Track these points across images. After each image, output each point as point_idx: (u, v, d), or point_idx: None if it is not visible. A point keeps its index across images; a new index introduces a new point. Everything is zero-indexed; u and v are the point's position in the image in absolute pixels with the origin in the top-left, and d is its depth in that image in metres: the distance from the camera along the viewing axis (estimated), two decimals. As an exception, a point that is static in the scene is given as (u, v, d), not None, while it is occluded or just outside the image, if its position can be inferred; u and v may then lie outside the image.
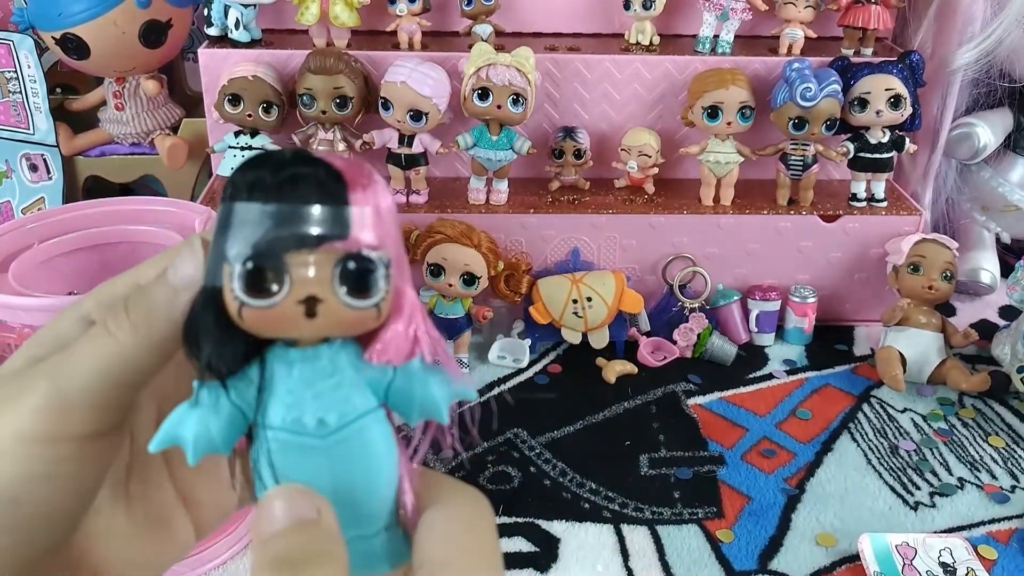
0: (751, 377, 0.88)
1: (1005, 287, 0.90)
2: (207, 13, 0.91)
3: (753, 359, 0.91)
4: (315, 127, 0.88)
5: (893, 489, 0.74)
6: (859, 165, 0.92)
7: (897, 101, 0.88)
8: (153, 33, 0.94)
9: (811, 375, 0.89)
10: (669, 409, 0.83)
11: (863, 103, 0.88)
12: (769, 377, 0.89)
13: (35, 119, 1.00)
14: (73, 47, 0.92)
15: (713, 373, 0.88)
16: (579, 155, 0.91)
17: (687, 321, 0.90)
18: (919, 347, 0.87)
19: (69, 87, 1.07)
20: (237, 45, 0.91)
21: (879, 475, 0.76)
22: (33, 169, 1.02)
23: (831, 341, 0.94)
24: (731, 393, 0.86)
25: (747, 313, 0.93)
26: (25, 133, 1.00)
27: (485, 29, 0.91)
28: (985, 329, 0.93)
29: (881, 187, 0.93)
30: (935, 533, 0.69)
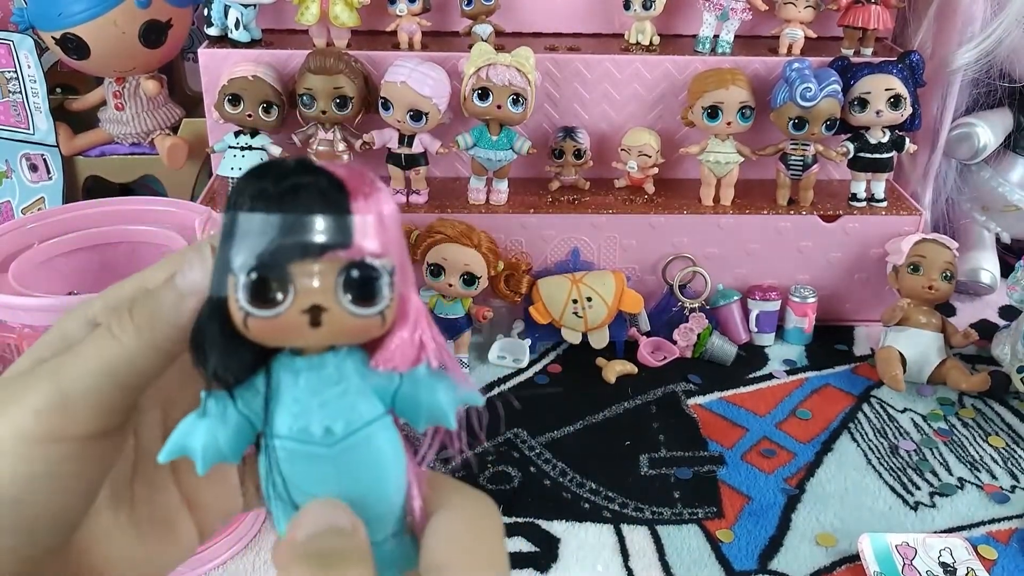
0: (751, 377, 0.88)
1: (1005, 287, 0.90)
2: (207, 13, 0.91)
3: (753, 359, 0.91)
4: (315, 127, 0.88)
5: (893, 489, 0.74)
6: (859, 165, 0.92)
7: (897, 101, 0.88)
8: (153, 33, 0.94)
9: (811, 375, 0.89)
10: (669, 409, 0.83)
11: (863, 103, 0.88)
12: (769, 377, 0.89)
13: (35, 119, 1.00)
14: (73, 47, 0.92)
15: (713, 373, 0.88)
16: (579, 155, 0.91)
17: (687, 321, 0.90)
18: (919, 347, 0.87)
19: (69, 87, 1.07)
20: (237, 45, 0.91)
21: (879, 475, 0.76)
22: (33, 169, 1.02)
23: (831, 341, 0.94)
24: (731, 393, 0.86)
25: (747, 313, 0.93)
26: (25, 133, 1.00)
27: (485, 29, 0.91)
28: (985, 329, 0.93)
29: (881, 187, 0.93)
30: (935, 533, 0.69)
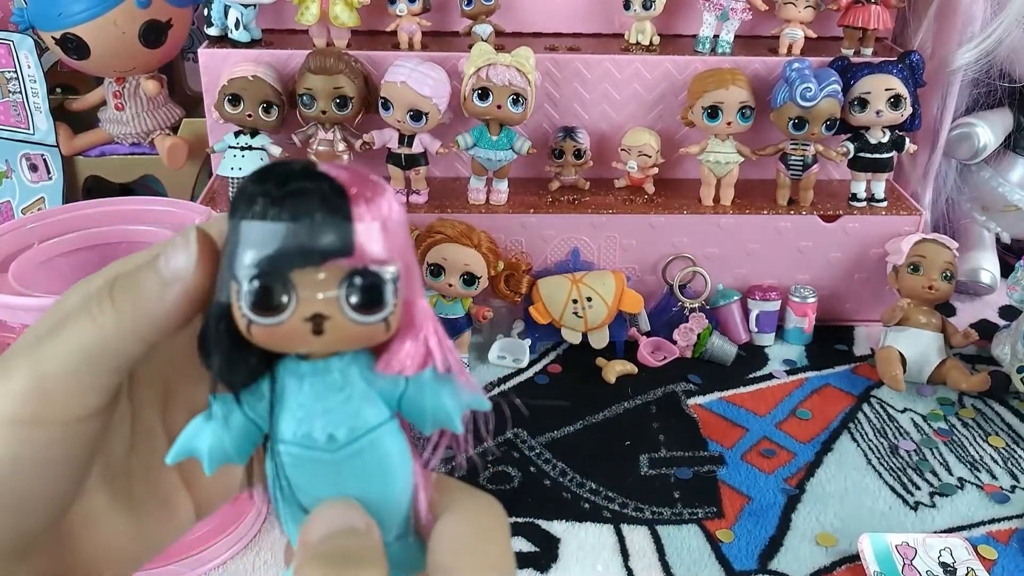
0: (751, 377, 0.88)
1: (1005, 287, 0.90)
2: (207, 13, 0.91)
3: (753, 359, 0.91)
4: (315, 127, 0.88)
5: (893, 489, 0.74)
6: (859, 165, 0.92)
7: (897, 101, 0.88)
8: (153, 33, 0.94)
9: (811, 375, 0.89)
10: (669, 409, 0.83)
11: (863, 103, 0.88)
12: (769, 377, 0.89)
13: (35, 119, 1.00)
14: (73, 47, 0.92)
15: (713, 373, 0.88)
16: (579, 155, 0.91)
17: (687, 321, 0.90)
18: (919, 347, 0.87)
19: (69, 87, 1.07)
20: (237, 45, 0.91)
21: (879, 475, 0.76)
22: (33, 169, 1.02)
23: (831, 341, 0.94)
24: (731, 393, 0.86)
25: (747, 313, 0.93)
26: (25, 133, 1.00)
27: (485, 29, 0.91)
28: (985, 329, 0.93)
29: (881, 187, 0.93)
30: (935, 533, 0.69)
